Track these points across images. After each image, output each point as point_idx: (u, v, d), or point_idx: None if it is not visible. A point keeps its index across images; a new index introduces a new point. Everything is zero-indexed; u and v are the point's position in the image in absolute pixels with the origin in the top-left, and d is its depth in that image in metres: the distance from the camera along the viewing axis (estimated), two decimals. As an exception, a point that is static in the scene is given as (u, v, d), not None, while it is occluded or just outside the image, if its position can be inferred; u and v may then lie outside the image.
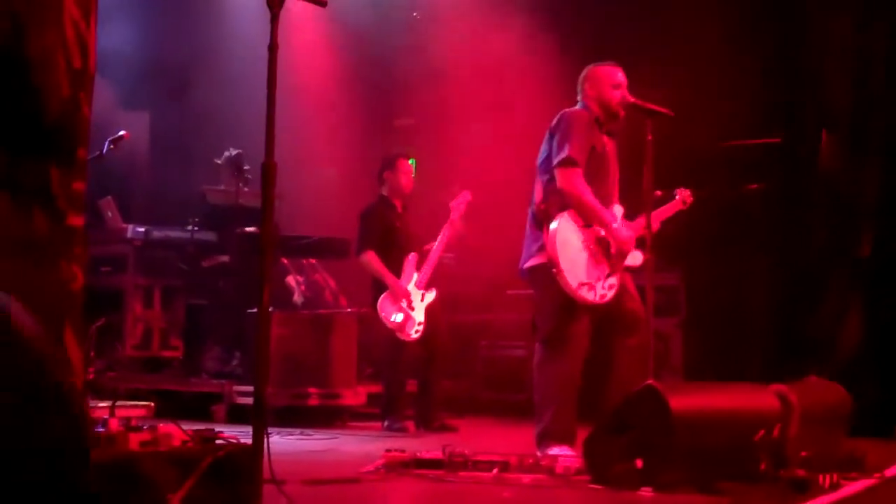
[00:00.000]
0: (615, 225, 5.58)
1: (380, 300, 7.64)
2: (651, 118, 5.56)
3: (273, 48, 3.63)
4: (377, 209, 7.98)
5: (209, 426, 4.66)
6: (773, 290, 8.99)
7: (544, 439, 5.37)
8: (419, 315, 7.65)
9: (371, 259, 7.75)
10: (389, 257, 7.77)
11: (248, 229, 8.25)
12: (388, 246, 7.84)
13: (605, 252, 5.55)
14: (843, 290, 8.30)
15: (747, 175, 8.81)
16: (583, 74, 5.84)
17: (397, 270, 7.73)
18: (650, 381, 4.50)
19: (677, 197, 6.17)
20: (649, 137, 5.50)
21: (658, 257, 5.62)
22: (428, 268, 7.80)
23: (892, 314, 7.92)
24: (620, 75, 5.76)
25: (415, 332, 7.60)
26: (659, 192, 5.93)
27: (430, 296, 7.76)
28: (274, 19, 3.60)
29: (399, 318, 7.59)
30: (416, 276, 7.76)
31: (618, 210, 5.72)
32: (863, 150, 8.34)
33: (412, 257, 7.81)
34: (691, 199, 6.21)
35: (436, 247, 7.83)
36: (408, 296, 7.66)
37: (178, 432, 3.65)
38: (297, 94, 9.48)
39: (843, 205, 8.40)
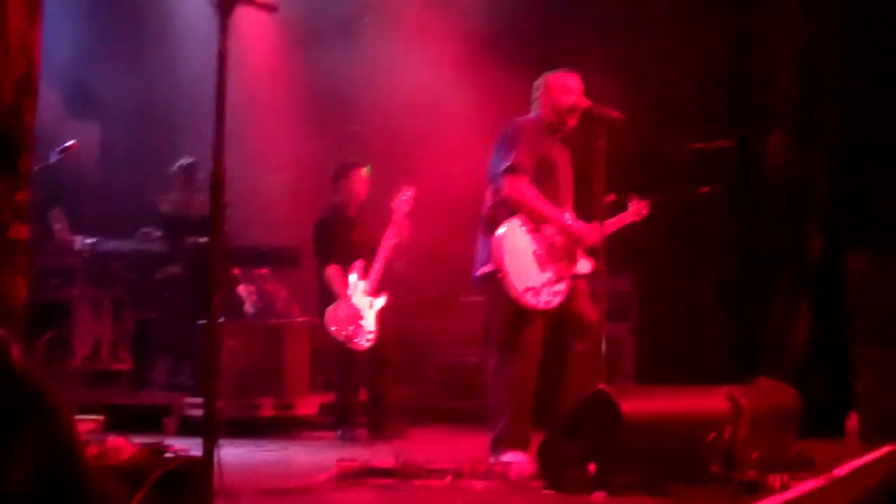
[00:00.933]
0: (567, 218, 5.60)
1: (327, 312, 7.59)
2: (603, 123, 5.58)
3: (222, 54, 3.60)
4: (331, 220, 7.94)
5: (160, 439, 4.62)
6: (723, 292, 9.06)
7: (498, 445, 5.37)
8: (369, 324, 7.61)
9: (332, 273, 7.71)
10: (345, 268, 7.73)
11: (199, 239, 8.19)
12: (344, 257, 7.79)
13: (553, 256, 5.56)
14: (792, 291, 8.38)
15: (699, 178, 8.87)
16: (537, 82, 5.86)
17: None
18: (601, 386, 4.52)
19: (630, 209, 6.16)
20: (601, 142, 5.52)
21: (610, 262, 5.63)
22: (375, 273, 7.74)
23: (841, 315, 8.01)
24: (573, 81, 5.78)
25: (366, 342, 7.56)
26: (612, 197, 5.93)
27: (380, 302, 7.72)
28: (223, 25, 3.57)
29: (348, 330, 7.55)
30: (362, 284, 7.70)
31: (568, 217, 5.73)
32: (812, 149, 8.44)
33: (357, 265, 7.75)
34: (646, 211, 6.20)
35: (381, 251, 7.77)
36: (356, 308, 7.61)
37: (126, 445, 3.61)
38: (248, 101, 9.41)
39: (793, 205, 8.49)
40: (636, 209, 6.16)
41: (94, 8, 9.81)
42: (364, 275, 7.75)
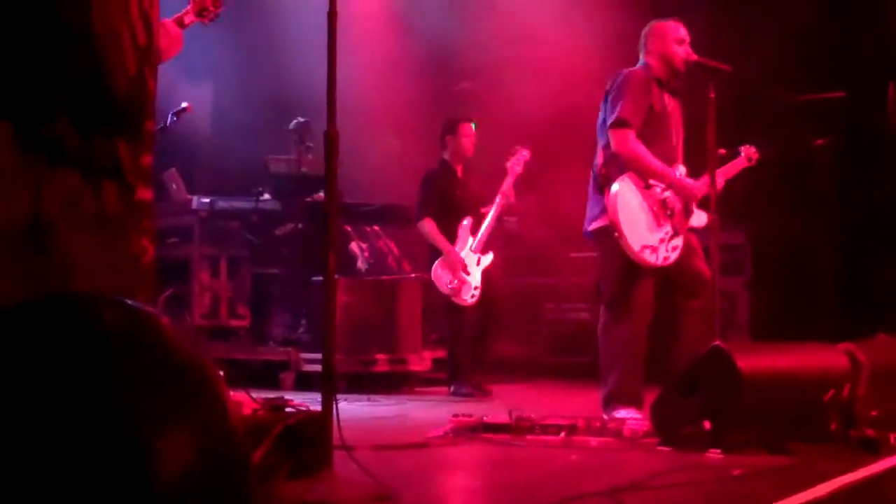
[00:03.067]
0: (678, 177, 5.53)
1: (433, 267, 7.72)
2: (713, 75, 5.49)
3: (332, 16, 3.64)
4: (437, 175, 8.01)
5: (278, 394, 4.72)
6: (840, 247, 8.88)
7: (611, 402, 5.36)
8: (475, 279, 7.67)
9: (428, 226, 7.81)
10: (448, 223, 7.80)
11: (313, 198, 8.31)
12: (447, 211, 7.86)
13: (667, 213, 5.50)
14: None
15: (812, 131, 8.68)
16: (645, 30, 5.76)
17: (455, 236, 7.79)
18: (717, 343, 4.48)
19: (742, 154, 6.07)
20: (711, 95, 5.43)
21: (723, 216, 5.55)
22: (484, 232, 7.80)
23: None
24: (683, 31, 5.69)
25: (471, 297, 7.64)
26: (723, 151, 5.84)
27: (487, 259, 7.77)
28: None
29: (453, 283, 7.63)
30: (471, 240, 7.77)
31: (681, 170, 5.66)
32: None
33: (467, 222, 7.81)
34: (757, 155, 6.09)
35: (493, 210, 7.81)
36: (462, 262, 7.68)
37: (248, 401, 3.70)
38: (358, 62, 9.48)
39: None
40: (747, 154, 6.06)
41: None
42: (472, 231, 7.80)
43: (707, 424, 4.29)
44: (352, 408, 6.26)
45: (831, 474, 3.64)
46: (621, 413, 5.20)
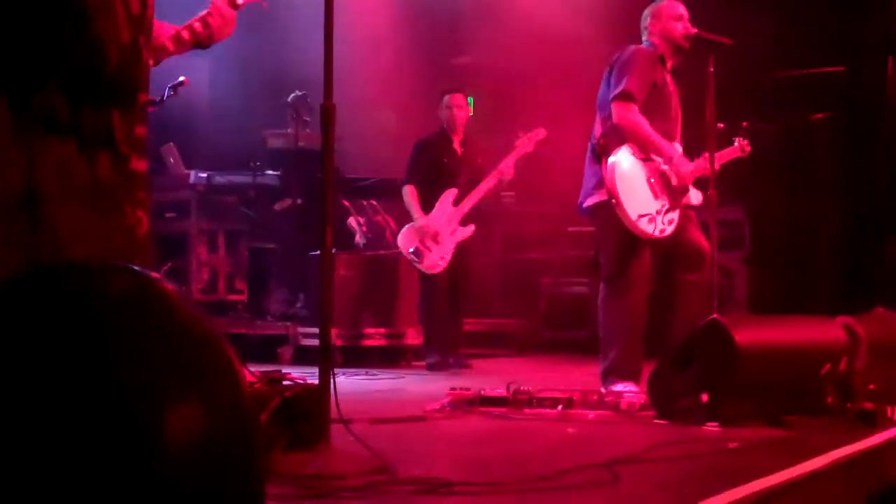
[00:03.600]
0: (676, 157, 5.52)
1: (401, 231, 7.75)
2: (712, 50, 5.48)
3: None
4: (428, 142, 8.01)
5: (276, 368, 4.72)
6: (838, 221, 8.88)
7: (609, 376, 5.37)
8: (444, 250, 7.62)
9: (408, 192, 7.82)
10: (434, 191, 7.77)
11: (310, 172, 8.29)
12: (434, 180, 7.83)
13: (665, 185, 5.49)
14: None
15: (811, 105, 8.67)
16: (646, 12, 5.77)
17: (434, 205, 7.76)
18: (715, 316, 4.48)
19: (736, 144, 6.09)
20: (711, 69, 5.42)
21: (722, 191, 5.55)
22: (466, 203, 7.72)
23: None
24: (682, 8, 5.69)
25: (434, 267, 7.62)
26: (722, 125, 5.83)
27: (464, 232, 7.71)
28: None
29: (413, 249, 7.61)
30: (450, 210, 7.70)
31: (678, 149, 5.65)
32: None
33: (449, 193, 7.73)
34: (749, 148, 6.11)
35: (482, 184, 7.75)
36: (432, 230, 7.63)
37: (246, 374, 3.69)
38: (355, 36, 9.45)
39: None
40: (741, 145, 6.06)
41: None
42: (455, 202, 7.74)
43: (704, 397, 4.29)
44: (349, 381, 6.27)
45: (828, 447, 3.65)
46: (619, 387, 5.21)
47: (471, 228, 7.71)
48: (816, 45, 8.69)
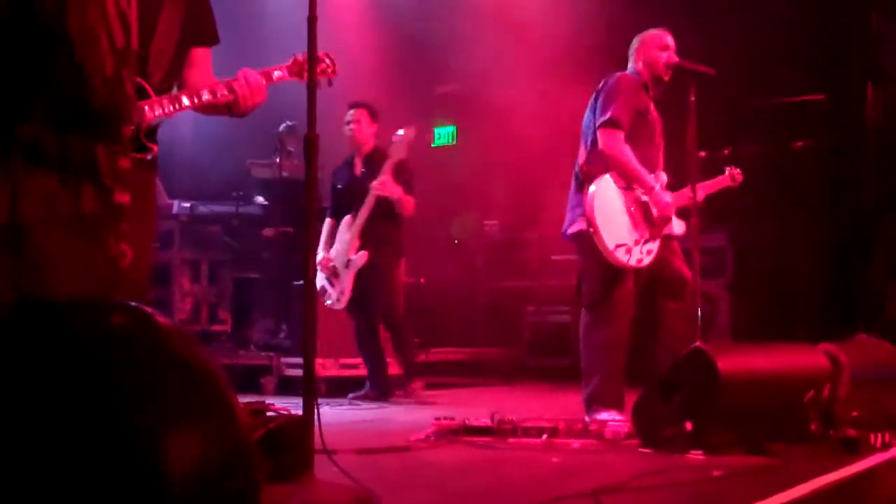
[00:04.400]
0: (656, 189, 5.54)
1: None
2: (694, 78, 5.52)
3: (312, 21, 3.63)
4: (337, 168, 7.61)
5: (259, 398, 4.71)
6: (820, 248, 8.92)
7: (592, 404, 5.37)
8: (342, 284, 7.19)
9: (325, 225, 7.45)
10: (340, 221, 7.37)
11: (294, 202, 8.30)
12: (338, 208, 7.43)
13: (645, 216, 5.51)
14: (891, 247, 8.22)
15: (793, 133, 8.73)
16: (636, 39, 5.81)
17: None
18: (698, 344, 4.49)
19: (726, 173, 6.12)
20: (692, 98, 5.46)
21: (704, 218, 5.58)
22: (353, 231, 7.20)
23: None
24: (669, 38, 5.73)
25: (336, 302, 7.26)
26: (703, 154, 5.87)
27: (358, 260, 7.20)
28: None
29: (321, 288, 7.23)
30: (346, 240, 7.24)
31: (663, 178, 5.68)
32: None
33: (345, 221, 7.28)
34: (741, 178, 6.14)
35: (364, 205, 7.17)
36: (326, 265, 7.24)
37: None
38: (339, 64, 9.47)
39: (892, 161, 8.31)
40: (731, 174, 6.10)
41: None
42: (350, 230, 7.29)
43: (688, 425, 4.30)
44: (333, 412, 6.25)
45: (812, 475, 3.65)
46: (603, 415, 5.20)
47: (363, 255, 7.15)
48: (796, 72, 8.75)
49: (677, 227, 5.67)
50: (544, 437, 4.77)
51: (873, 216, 8.46)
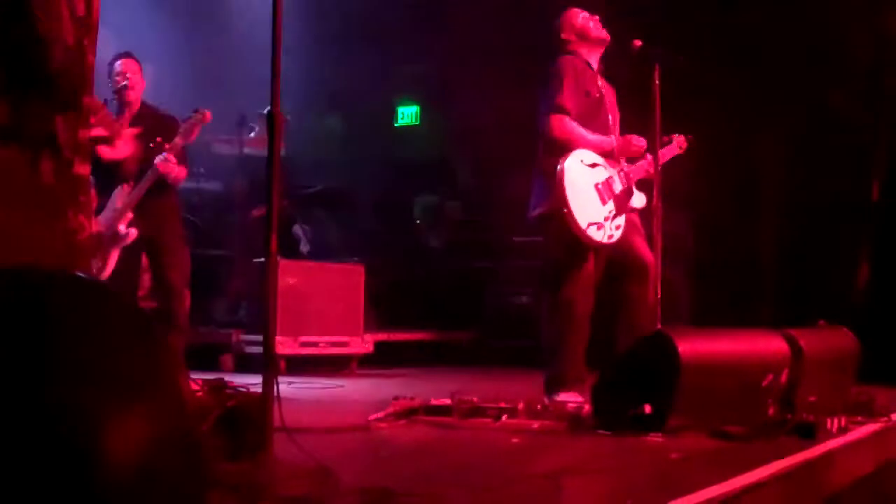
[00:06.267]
0: (616, 148, 5.57)
1: None
2: (658, 63, 5.52)
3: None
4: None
5: (218, 376, 4.68)
6: (782, 235, 8.98)
7: (553, 385, 5.38)
8: (103, 257, 6.41)
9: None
10: (110, 188, 6.54)
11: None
12: (105, 177, 6.47)
13: (611, 190, 5.54)
14: (852, 235, 8.29)
15: (756, 119, 8.76)
16: (554, 27, 5.84)
17: None
18: (659, 327, 4.50)
19: (673, 142, 6.11)
20: (657, 82, 5.47)
21: (666, 203, 5.59)
22: (129, 201, 6.49)
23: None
24: (582, 10, 5.79)
25: (102, 276, 6.36)
26: (666, 138, 5.89)
27: (125, 236, 6.48)
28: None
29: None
30: (114, 211, 6.48)
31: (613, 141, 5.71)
32: (879, 95, 8.30)
33: (119, 192, 6.50)
34: (686, 144, 6.12)
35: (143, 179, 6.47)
36: (99, 237, 6.34)
37: (188, 381, 3.65)
38: (305, 42, 9.41)
39: (854, 149, 8.37)
40: (678, 142, 6.07)
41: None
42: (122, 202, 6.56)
43: (647, 408, 4.31)
44: (292, 390, 6.22)
45: (769, 458, 3.67)
46: (563, 396, 5.23)
47: (132, 232, 6.46)
48: (763, 57, 8.79)
49: (638, 200, 5.69)
50: (504, 417, 4.77)
51: (834, 204, 8.52)
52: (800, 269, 8.69)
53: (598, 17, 5.77)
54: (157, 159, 6.41)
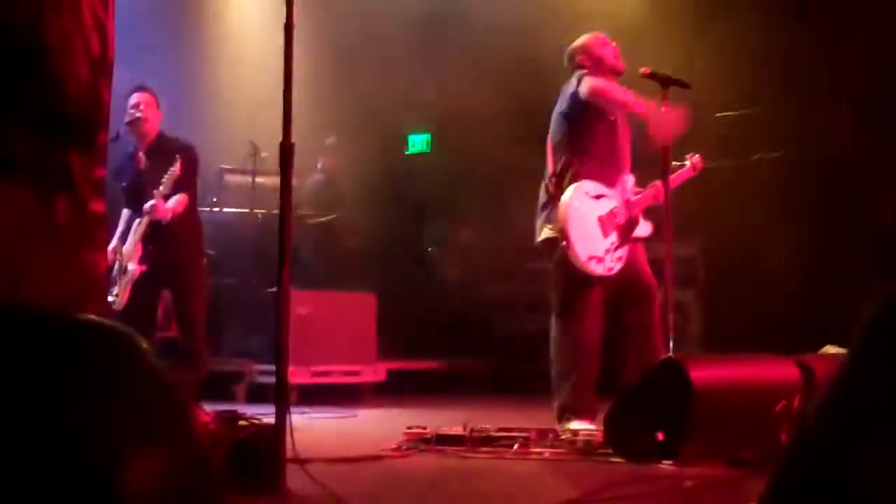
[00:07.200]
0: (653, 112, 5.54)
1: None
2: (667, 87, 5.55)
3: (289, 27, 3.64)
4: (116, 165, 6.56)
5: (231, 406, 4.70)
6: (793, 258, 8.97)
7: (564, 413, 5.38)
8: (120, 284, 6.47)
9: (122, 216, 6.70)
10: (133, 219, 6.64)
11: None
12: (130, 207, 6.67)
13: (614, 222, 5.56)
14: (865, 259, 8.27)
15: (765, 144, 8.77)
16: (570, 52, 5.84)
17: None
18: (670, 354, 4.51)
19: (688, 164, 6.11)
20: (664, 108, 5.49)
21: (676, 227, 5.61)
22: (135, 236, 6.52)
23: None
24: (603, 35, 5.81)
25: (115, 302, 6.39)
26: (675, 163, 5.90)
27: (132, 267, 6.52)
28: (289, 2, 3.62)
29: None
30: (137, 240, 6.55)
31: (629, 179, 5.72)
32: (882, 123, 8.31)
33: (140, 222, 6.55)
34: (701, 164, 6.07)
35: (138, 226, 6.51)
36: (113, 256, 6.48)
37: (201, 413, 3.68)
38: (310, 74, 9.46)
39: (864, 173, 8.38)
40: (693, 163, 6.04)
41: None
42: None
43: (660, 436, 4.31)
44: (305, 420, 6.23)
45: (782, 485, 3.66)
46: (575, 424, 5.22)
47: (138, 270, 6.47)
48: (766, 83, 8.80)
49: (643, 229, 5.70)
50: (516, 446, 4.78)
51: (847, 227, 8.52)
52: (810, 291, 8.67)
53: (616, 46, 5.78)
54: (146, 207, 6.44)
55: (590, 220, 5.50)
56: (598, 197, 5.54)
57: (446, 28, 9.92)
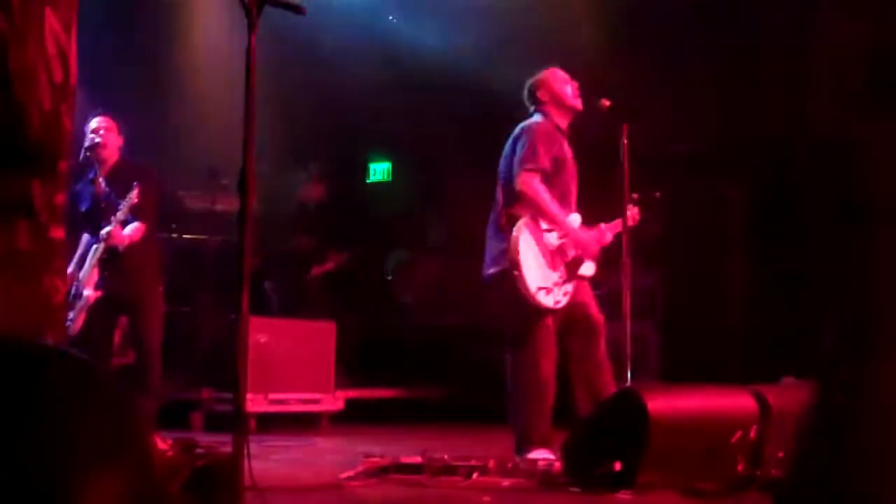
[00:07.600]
0: (573, 223, 5.65)
1: None
2: (626, 121, 5.61)
3: (251, 52, 3.64)
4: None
5: (188, 434, 4.67)
6: (750, 290, 9.04)
7: (522, 443, 5.39)
8: (73, 310, 6.39)
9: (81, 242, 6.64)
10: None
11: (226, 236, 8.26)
12: (88, 227, 6.61)
13: (562, 257, 5.62)
14: (821, 289, 8.35)
15: (723, 177, 8.85)
16: (529, 85, 5.91)
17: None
18: (628, 384, 4.53)
19: (628, 213, 6.10)
20: (625, 141, 5.55)
21: (634, 259, 5.66)
22: (84, 274, 6.49)
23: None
24: (563, 73, 5.86)
25: (71, 330, 6.33)
26: (636, 195, 5.94)
27: (88, 292, 6.47)
28: (252, 24, 3.61)
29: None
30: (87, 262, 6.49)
31: (575, 218, 5.77)
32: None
33: (85, 238, 6.57)
34: (638, 217, 6.09)
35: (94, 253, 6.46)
36: (71, 280, 6.37)
37: (158, 442, 3.65)
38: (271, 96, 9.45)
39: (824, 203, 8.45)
40: (631, 214, 6.03)
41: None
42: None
43: (617, 465, 4.33)
44: (263, 448, 6.20)
45: (738, 515, 3.69)
46: (533, 454, 5.23)
47: (92, 296, 6.43)
48: (726, 114, 8.89)
49: (588, 268, 5.76)
50: (475, 475, 4.78)
51: (803, 258, 8.60)
52: (768, 323, 8.74)
53: (577, 84, 5.84)
54: (102, 233, 6.40)
55: (539, 252, 5.56)
56: (549, 231, 5.61)
57: (405, 59, 9.95)
